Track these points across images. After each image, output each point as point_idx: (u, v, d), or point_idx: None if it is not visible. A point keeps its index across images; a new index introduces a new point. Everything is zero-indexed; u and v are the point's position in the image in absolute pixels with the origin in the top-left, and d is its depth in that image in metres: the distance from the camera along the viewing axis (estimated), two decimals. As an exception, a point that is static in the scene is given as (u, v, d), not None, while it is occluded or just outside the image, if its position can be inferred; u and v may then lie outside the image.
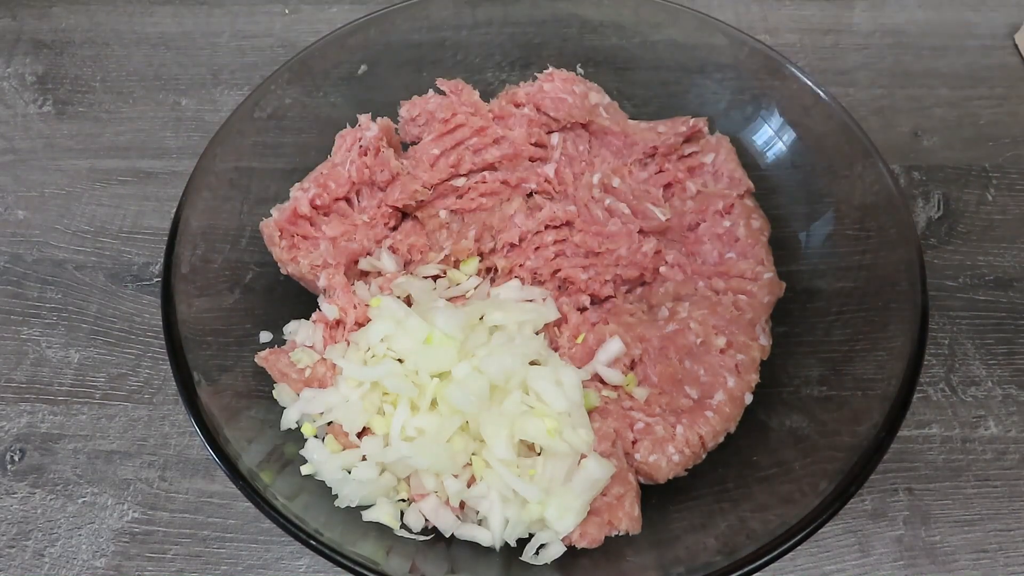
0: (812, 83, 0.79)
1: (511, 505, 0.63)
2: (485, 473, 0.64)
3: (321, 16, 1.14)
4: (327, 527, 0.60)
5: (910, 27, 1.10)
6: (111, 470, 0.78)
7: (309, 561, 0.73)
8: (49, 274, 0.91)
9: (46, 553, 0.74)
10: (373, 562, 0.57)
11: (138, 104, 1.05)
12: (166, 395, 0.82)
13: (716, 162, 0.84)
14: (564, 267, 0.77)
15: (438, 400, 0.66)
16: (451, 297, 0.76)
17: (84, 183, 0.98)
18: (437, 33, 0.89)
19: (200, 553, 0.74)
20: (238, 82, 1.07)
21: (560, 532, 0.63)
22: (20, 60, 1.10)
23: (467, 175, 0.81)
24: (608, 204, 0.81)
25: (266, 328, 0.76)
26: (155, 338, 0.86)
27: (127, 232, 0.94)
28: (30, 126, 1.04)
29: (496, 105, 0.84)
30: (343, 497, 0.65)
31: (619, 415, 0.69)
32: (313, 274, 0.75)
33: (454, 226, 0.81)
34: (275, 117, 0.81)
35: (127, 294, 0.89)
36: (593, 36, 0.91)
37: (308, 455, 0.67)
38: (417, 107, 0.82)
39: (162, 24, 1.13)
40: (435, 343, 0.68)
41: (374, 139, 0.79)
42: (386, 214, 0.80)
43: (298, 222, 0.77)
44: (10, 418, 0.82)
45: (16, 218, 0.95)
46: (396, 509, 0.66)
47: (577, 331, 0.73)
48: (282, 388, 0.71)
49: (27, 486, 0.78)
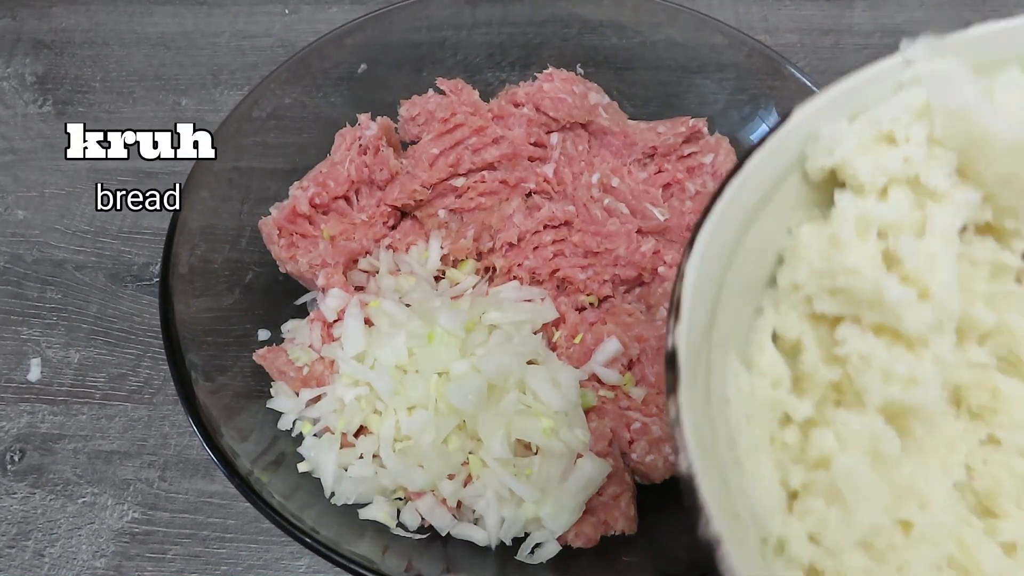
0: (811, 83, 0.79)
1: (507, 504, 0.64)
2: (482, 472, 0.64)
3: (321, 16, 1.14)
4: (324, 525, 0.60)
5: (910, 27, 1.09)
6: (111, 470, 0.79)
7: (309, 561, 0.73)
8: (49, 274, 0.91)
9: (46, 553, 0.75)
10: (369, 561, 0.57)
11: (138, 104, 1.05)
12: (166, 395, 0.82)
13: (715, 162, 0.84)
14: (563, 267, 0.77)
15: (437, 399, 0.66)
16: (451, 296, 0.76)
17: (84, 183, 0.98)
18: (437, 33, 0.89)
19: (200, 553, 0.74)
20: (238, 82, 1.07)
21: (555, 531, 0.64)
22: (20, 60, 1.10)
23: (466, 175, 0.81)
24: (607, 204, 0.81)
25: (264, 327, 0.76)
26: (155, 338, 0.86)
27: (127, 232, 0.94)
28: (30, 126, 1.04)
29: (496, 105, 0.84)
30: (339, 495, 0.65)
31: (616, 415, 0.69)
32: (312, 273, 0.75)
33: (453, 225, 0.81)
34: (274, 117, 0.81)
35: (127, 294, 0.90)
36: (593, 36, 0.90)
37: (305, 453, 0.68)
38: (417, 106, 0.82)
39: (162, 24, 1.13)
40: (437, 341, 0.68)
41: (373, 138, 0.79)
42: (385, 213, 0.80)
43: (297, 221, 0.77)
44: (10, 418, 0.82)
45: (16, 218, 0.96)
46: (392, 508, 0.66)
47: (575, 331, 0.73)
48: (280, 386, 0.71)
49: (27, 486, 0.78)
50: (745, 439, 0.40)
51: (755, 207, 0.43)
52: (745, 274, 0.43)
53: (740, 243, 0.43)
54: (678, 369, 0.36)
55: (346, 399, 0.68)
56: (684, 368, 0.36)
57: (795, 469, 0.41)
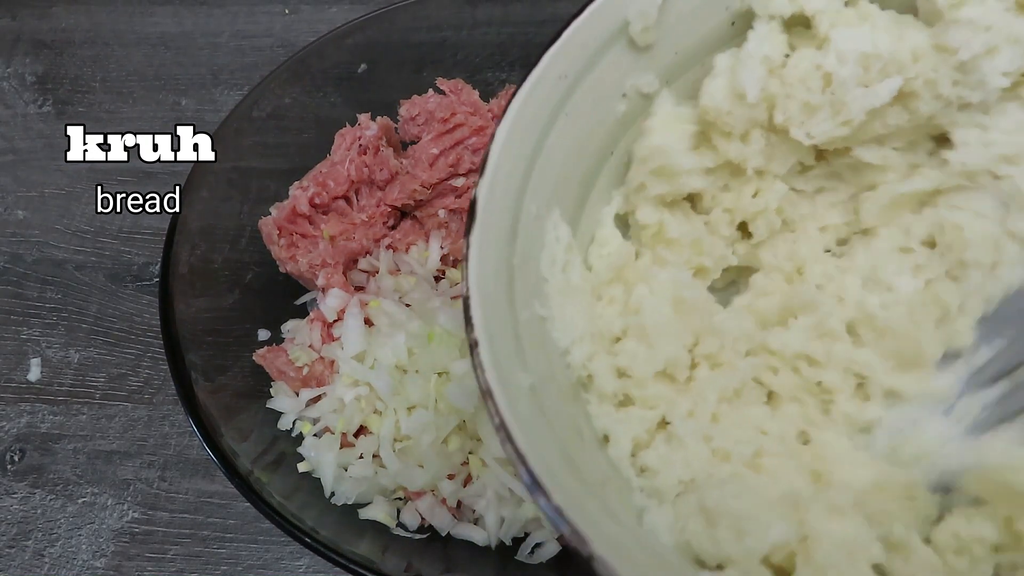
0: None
1: (507, 504, 0.64)
2: (482, 472, 0.64)
3: (321, 16, 1.14)
4: (324, 525, 0.60)
5: None
6: (111, 470, 0.79)
7: (309, 561, 0.73)
8: (49, 274, 0.91)
9: (46, 553, 0.75)
10: (369, 561, 0.57)
11: (138, 104, 1.05)
12: (166, 395, 0.82)
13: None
14: (563, 267, 0.77)
15: (437, 399, 0.66)
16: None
17: (84, 183, 0.98)
18: (437, 33, 0.89)
19: (200, 553, 0.74)
20: (238, 82, 1.07)
21: (555, 531, 0.63)
22: (20, 60, 1.10)
23: (466, 174, 0.81)
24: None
25: (264, 327, 0.76)
26: (155, 338, 0.86)
27: (127, 232, 0.94)
28: (30, 126, 1.04)
29: (496, 105, 0.84)
30: (339, 495, 0.65)
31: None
32: (312, 273, 0.75)
33: (453, 225, 0.81)
34: (274, 117, 0.81)
35: (127, 294, 0.90)
36: (593, 36, 0.90)
37: (305, 453, 0.68)
38: (416, 106, 0.82)
39: (162, 24, 1.13)
40: (437, 341, 0.68)
41: (373, 138, 0.79)
42: (385, 213, 0.80)
43: (297, 221, 0.77)
44: (10, 418, 0.82)
45: (16, 218, 0.96)
46: (392, 508, 0.66)
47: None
48: (280, 386, 0.71)
49: (27, 486, 0.78)
50: (557, 283, 0.47)
51: (578, 73, 0.48)
52: (571, 139, 0.48)
53: (562, 108, 0.47)
54: (475, 215, 0.41)
55: (346, 399, 0.68)
56: (481, 215, 0.42)
57: (617, 320, 0.50)
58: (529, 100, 0.45)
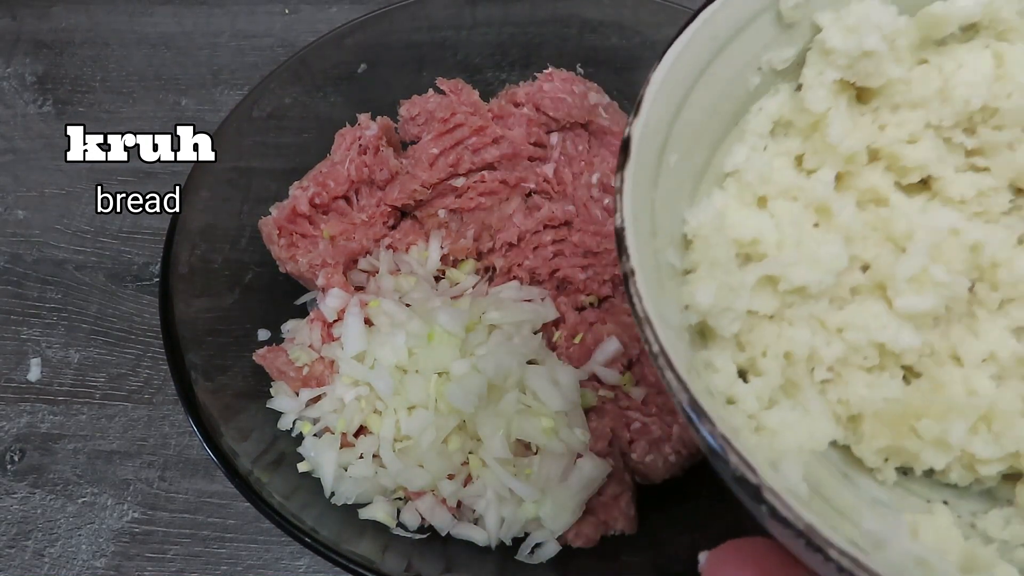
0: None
1: (507, 504, 0.64)
2: (481, 472, 0.64)
3: (321, 16, 1.14)
4: (324, 525, 0.60)
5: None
6: (111, 470, 0.79)
7: (309, 561, 0.73)
8: (49, 274, 0.91)
9: (46, 553, 0.75)
10: (369, 561, 0.57)
11: (138, 104, 1.05)
12: (166, 395, 0.83)
13: (715, 161, 0.84)
14: (563, 267, 0.77)
15: (437, 399, 0.66)
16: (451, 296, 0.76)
17: (84, 183, 0.98)
18: (437, 33, 0.89)
19: (200, 553, 0.74)
20: (238, 82, 1.07)
21: (555, 531, 0.63)
22: (20, 60, 1.10)
23: (466, 174, 0.81)
24: (607, 204, 0.80)
25: (264, 327, 0.76)
26: (155, 338, 0.86)
27: (127, 232, 0.94)
28: (30, 126, 1.04)
29: (495, 105, 0.84)
30: (339, 495, 0.65)
31: (615, 415, 0.69)
32: (312, 273, 0.75)
33: (453, 225, 0.81)
34: (274, 116, 0.81)
35: (127, 294, 0.90)
36: (593, 36, 0.90)
37: (305, 453, 0.68)
38: (416, 106, 0.82)
39: (162, 24, 1.14)
40: (437, 341, 0.68)
41: (373, 138, 0.79)
42: (385, 213, 0.80)
43: (297, 220, 0.77)
44: (10, 418, 0.82)
45: (16, 218, 0.96)
46: (392, 507, 0.66)
47: (575, 331, 0.73)
48: (280, 386, 0.71)
49: (27, 486, 0.78)
50: (700, 244, 0.46)
51: (727, 37, 0.48)
52: (708, 101, 0.48)
53: (707, 69, 0.48)
54: (629, 152, 0.41)
55: (346, 399, 0.68)
56: (635, 152, 0.41)
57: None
58: (683, 54, 0.45)
